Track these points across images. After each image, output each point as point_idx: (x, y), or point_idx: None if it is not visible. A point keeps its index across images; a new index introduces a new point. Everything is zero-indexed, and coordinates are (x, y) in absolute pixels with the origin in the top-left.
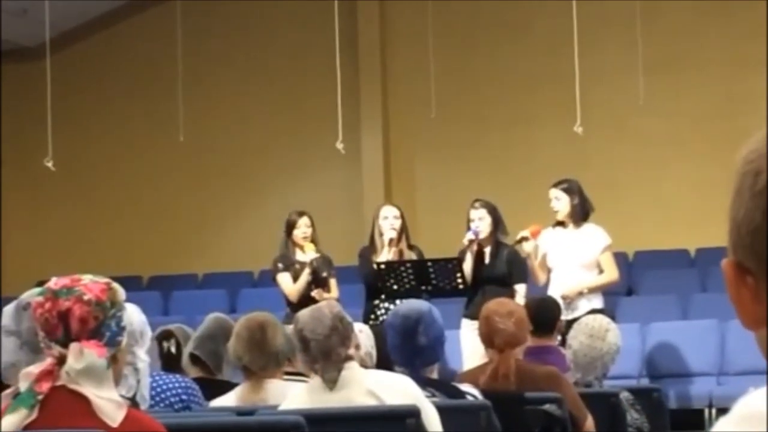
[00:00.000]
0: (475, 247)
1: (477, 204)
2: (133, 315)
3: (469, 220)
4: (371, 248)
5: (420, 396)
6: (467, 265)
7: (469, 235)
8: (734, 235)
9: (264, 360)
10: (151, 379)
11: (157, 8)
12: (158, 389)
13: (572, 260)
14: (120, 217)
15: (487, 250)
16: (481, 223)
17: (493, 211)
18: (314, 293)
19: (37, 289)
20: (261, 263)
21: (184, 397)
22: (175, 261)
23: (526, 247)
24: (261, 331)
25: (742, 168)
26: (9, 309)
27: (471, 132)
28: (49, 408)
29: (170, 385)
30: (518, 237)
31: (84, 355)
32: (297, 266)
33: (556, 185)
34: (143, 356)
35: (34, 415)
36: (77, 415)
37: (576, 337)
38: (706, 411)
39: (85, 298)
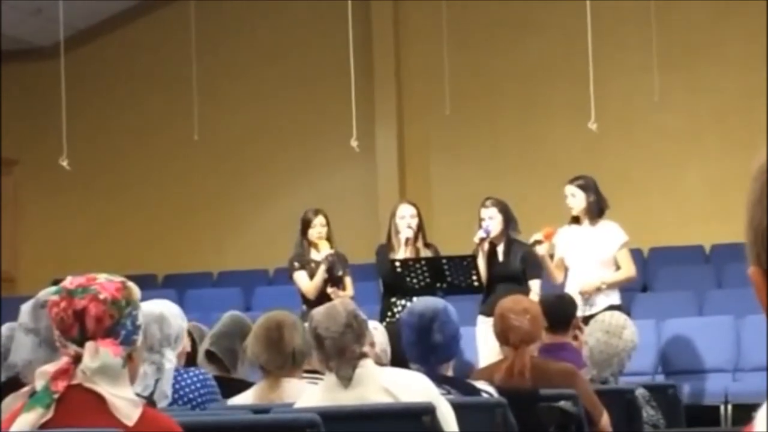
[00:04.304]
0: (486, 246)
1: (487, 203)
2: (175, 320)
3: (480, 219)
4: (388, 246)
5: (435, 393)
6: (481, 264)
7: (480, 234)
8: (759, 244)
9: (281, 360)
10: None
11: (172, 7)
12: (176, 386)
13: (589, 258)
14: (135, 215)
15: (500, 248)
16: (492, 221)
17: (504, 209)
18: (330, 291)
19: (53, 288)
20: (276, 261)
21: (203, 391)
22: (190, 259)
23: (540, 250)
24: (278, 331)
25: (760, 176)
26: (27, 307)
27: (485, 129)
28: (65, 407)
29: (188, 381)
30: (531, 240)
31: (99, 353)
32: (312, 265)
33: (571, 182)
34: (172, 357)
35: (50, 413)
36: (93, 413)
37: (592, 334)
38: (722, 407)
39: (101, 297)
